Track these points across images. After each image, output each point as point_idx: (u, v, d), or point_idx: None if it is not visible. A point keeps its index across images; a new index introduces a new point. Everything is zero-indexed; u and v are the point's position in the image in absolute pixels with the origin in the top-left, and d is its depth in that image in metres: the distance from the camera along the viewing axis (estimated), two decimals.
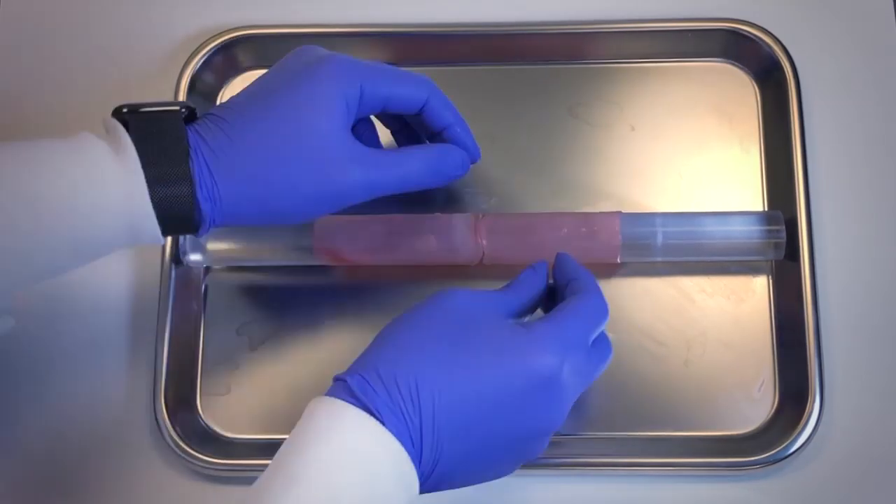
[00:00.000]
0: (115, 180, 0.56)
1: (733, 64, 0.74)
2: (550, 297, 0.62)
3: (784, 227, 0.67)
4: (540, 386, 0.55)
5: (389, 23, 0.74)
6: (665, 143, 0.73)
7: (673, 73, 0.74)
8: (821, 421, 0.65)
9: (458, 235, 0.67)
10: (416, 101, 0.63)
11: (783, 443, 0.65)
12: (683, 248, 0.67)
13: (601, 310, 0.59)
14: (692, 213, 0.68)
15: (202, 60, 0.73)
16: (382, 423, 0.52)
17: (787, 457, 0.65)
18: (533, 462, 0.66)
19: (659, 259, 0.68)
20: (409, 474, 0.53)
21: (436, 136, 0.65)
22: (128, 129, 0.58)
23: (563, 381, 0.55)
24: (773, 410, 0.67)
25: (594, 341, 0.59)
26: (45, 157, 0.56)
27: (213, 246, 0.69)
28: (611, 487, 0.66)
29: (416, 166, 0.62)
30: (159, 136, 0.58)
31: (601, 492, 0.66)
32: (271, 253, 0.69)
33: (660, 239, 0.67)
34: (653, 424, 0.67)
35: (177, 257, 0.69)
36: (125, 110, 0.59)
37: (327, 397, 0.53)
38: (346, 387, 0.53)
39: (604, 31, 0.74)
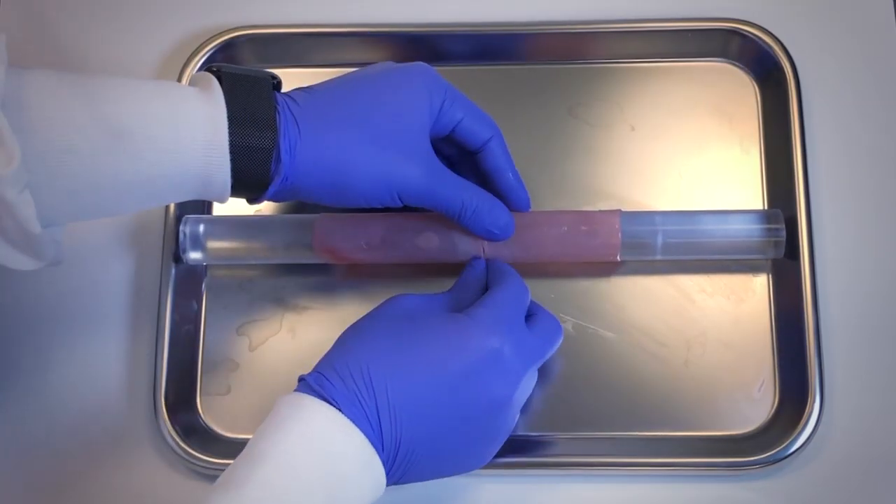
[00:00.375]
0: (198, 118, 0.57)
1: (733, 64, 0.74)
2: None
3: (784, 226, 0.67)
4: (486, 361, 0.58)
5: (389, 23, 0.74)
6: (665, 143, 0.72)
7: (673, 73, 0.74)
8: (821, 421, 0.65)
9: (458, 233, 0.67)
10: (482, 137, 0.65)
11: (783, 443, 0.65)
12: (683, 247, 0.67)
13: (522, 289, 0.63)
14: (692, 212, 0.68)
15: (202, 60, 0.73)
16: (340, 410, 0.55)
17: (787, 457, 0.65)
18: (532, 462, 0.66)
19: (659, 257, 0.68)
20: (370, 456, 0.55)
21: (489, 179, 0.66)
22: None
23: (506, 354, 0.59)
24: (773, 410, 0.67)
25: (538, 321, 0.63)
26: (133, 91, 0.57)
27: (213, 244, 0.69)
28: (610, 487, 0.66)
29: (468, 201, 0.64)
30: (247, 89, 0.59)
31: (601, 492, 0.66)
32: (271, 251, 0.69)
33: (660, 237, 0.67)
34: (652, 424, 0.67)
35: (177, 255, 0.69)
36: (215, 68, 0.60)
37: (291, 393, 0.57)
38: (306, 384, 0.57)
39: (604, 31, 0.74)
